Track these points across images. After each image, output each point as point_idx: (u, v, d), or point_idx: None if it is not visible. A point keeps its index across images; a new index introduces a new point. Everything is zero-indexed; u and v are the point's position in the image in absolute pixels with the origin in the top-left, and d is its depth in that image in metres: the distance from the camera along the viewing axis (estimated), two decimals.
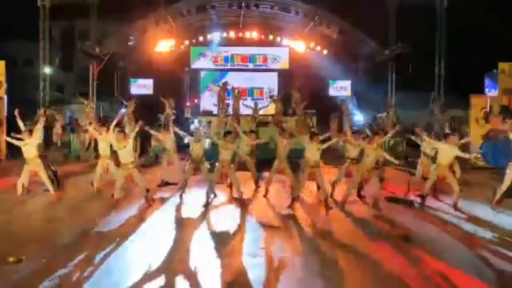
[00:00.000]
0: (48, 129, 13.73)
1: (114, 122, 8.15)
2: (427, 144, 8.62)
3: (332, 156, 11.07)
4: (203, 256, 4.77)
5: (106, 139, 8.20)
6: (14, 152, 8.80)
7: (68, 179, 9.44)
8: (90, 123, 12.90)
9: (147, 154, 13.61)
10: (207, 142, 10.11)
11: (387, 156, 7.57)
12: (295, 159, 8.34)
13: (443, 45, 17.61)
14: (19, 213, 6.73)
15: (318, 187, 7.92)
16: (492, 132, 12.87)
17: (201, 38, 20.07)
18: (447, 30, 17.56)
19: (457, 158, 7.90)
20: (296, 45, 19.99)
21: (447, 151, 7.44)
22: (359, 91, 19.64)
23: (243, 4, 17.71)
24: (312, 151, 7.44)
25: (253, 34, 19.89)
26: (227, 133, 8.55)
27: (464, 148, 8.94)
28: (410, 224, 6.32)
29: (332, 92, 20.53)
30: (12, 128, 12.39)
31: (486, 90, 15.04)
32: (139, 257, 4.77)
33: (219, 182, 8.53)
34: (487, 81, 15.21)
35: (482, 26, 19.93)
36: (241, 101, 15.26)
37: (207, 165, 8.71)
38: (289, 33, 20.07)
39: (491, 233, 5.91)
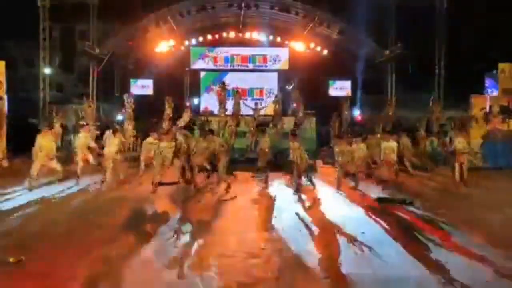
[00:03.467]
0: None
1: None
2: None
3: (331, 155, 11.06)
4: (202, 257, 4.77)
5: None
6: (15, 152, 8.78)
7: (69, 179, 9.43)
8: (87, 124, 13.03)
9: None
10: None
11: None
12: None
13: (443, 45, 17.61)
14: (20, 213, 6.73)
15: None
16: (492, 132, 12.88)
17: (201, 38, 20.08)
18: (447, 30, 17.57)
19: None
20: (296, 45, 20.00)
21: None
22: (359, 91, 19.64)
23: (243, 4, 17.73)
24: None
25: (253, 34, 19.91)
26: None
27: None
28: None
29: (332, 92, 20.54)
30: (12, 128, 12.44)
31: (487, 90, 15.06)
32: (139, 257, 4.77)
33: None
34: (487, 81, 15.25)
35: (482, 27, 19.92)
36: (241, 101, 15.27)
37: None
38: (289, 33, 20.09)
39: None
